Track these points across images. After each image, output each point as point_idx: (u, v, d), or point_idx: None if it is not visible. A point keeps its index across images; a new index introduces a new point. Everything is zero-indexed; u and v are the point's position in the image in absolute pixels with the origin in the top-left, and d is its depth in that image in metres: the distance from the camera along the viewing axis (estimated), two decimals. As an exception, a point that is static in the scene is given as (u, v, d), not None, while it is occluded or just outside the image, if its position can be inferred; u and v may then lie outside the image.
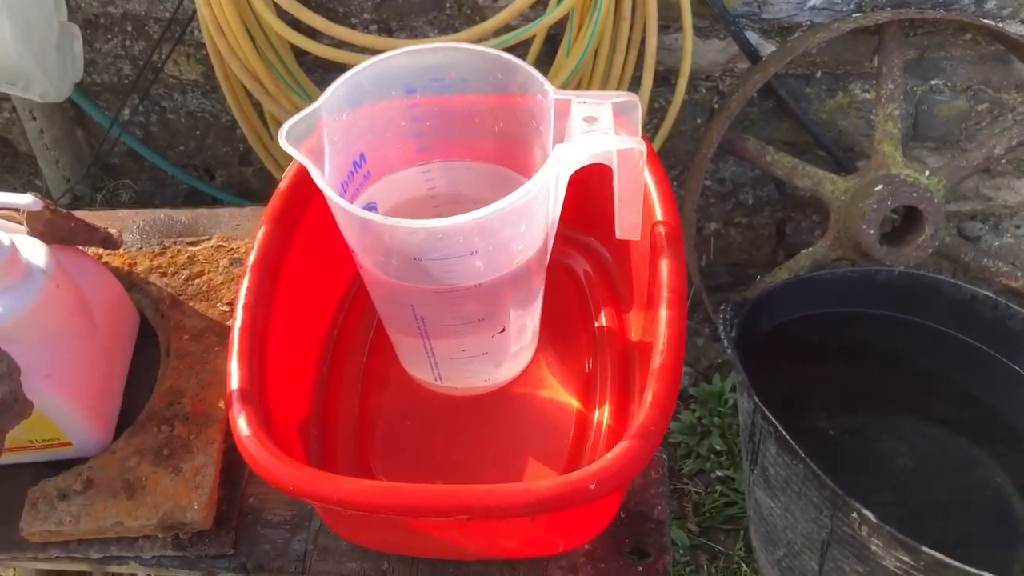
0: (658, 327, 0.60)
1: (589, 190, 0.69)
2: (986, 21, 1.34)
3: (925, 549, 0.92)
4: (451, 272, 0.58)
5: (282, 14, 1.30)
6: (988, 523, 1.23)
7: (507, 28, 1.29)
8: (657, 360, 0.58)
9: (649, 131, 1.49)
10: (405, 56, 0.64)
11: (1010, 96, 1.49)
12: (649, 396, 0.56)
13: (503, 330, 0.66)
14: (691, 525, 1.37)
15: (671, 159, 1.56)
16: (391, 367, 0.75)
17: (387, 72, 0.64)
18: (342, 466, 0.68)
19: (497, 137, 0.68)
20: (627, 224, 0.65)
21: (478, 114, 0.67)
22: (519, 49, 1.38)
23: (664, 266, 0.63)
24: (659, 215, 0.66)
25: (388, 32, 1.47)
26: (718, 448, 1.45)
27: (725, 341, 1.14)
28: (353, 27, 1.45)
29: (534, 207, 0.58)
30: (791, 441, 1.01)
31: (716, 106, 1.50)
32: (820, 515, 1.02)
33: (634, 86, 1.41)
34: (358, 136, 0.65)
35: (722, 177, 1.61)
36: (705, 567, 1.31)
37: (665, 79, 1.46)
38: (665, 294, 0.61)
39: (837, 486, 0.98)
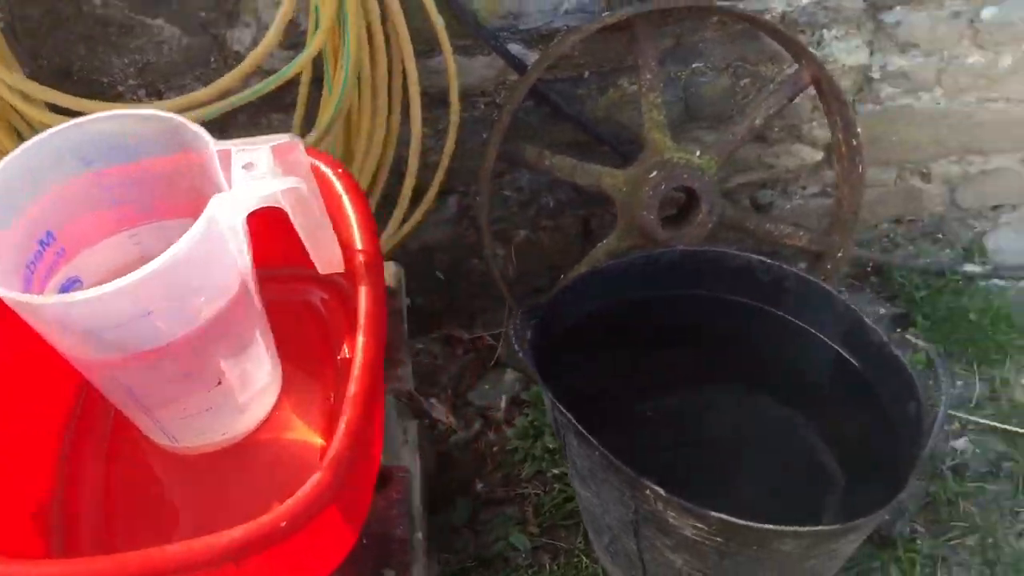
0: (355, 354, 0.61)
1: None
2: (722, 3, 1.41)
3: (712, 513, 0.95)
4: (131, 337, 0.58)
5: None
6: (801, 476, 1.28)
7: (265, 72, 1.29)
8: (352, 387, 0.59)
9: (435, 153, 1.51)
10: (72, 129, 0.64)
11: (767, 68, 1.57)
12: (342, 425, 0.57)
13: (220, 383, 0.67)
14: (532, 528, 1.39)
15: (463, 178, 1.58)
16: (136, 436, 0.74)
17: (56, 147, 0.64)
18: (86, 543, 0.68)
19: (189, 193, 0.68)
20: (323, 258, 0.67)
21: (166, 175, 0.68)
22: (292, 90, 1.39)
23: (362, 293, 0.65)
24: (358, 243, 0.68)
25: (158, 95, 1.45)
26: (551, 446, 1.47)
27: (517, 346, 1.16)
28: (121, 94, 1.43)
29: (206, 258, 0.59)
30: (583, 431, 1.04)
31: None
32: (624, 497, 1.05)
33: (405, 112, 1.43)
34: (39, 216, 0.64)
35: (520, 186, 1.65)
36: (547, 566, 1.33)
37: (442, 100, 1.48)
38: (362, 321, 0.63)
39: (652, 466, 1.00)
